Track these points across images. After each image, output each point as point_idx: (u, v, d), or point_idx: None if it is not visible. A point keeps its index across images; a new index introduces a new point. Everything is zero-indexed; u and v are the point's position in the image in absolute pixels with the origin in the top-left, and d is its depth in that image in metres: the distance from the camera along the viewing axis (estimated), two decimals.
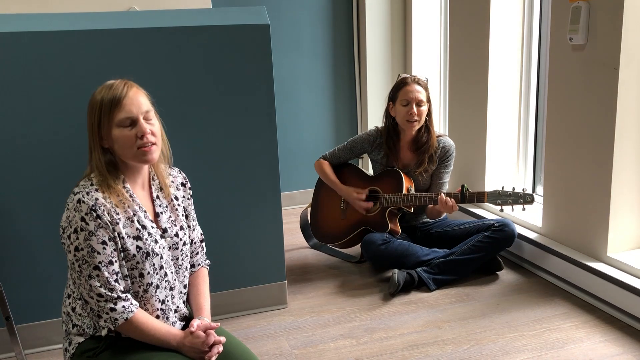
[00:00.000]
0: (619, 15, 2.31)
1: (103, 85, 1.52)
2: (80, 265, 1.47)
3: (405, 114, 2.85)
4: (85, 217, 1.45)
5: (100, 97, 1.49)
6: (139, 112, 1.50)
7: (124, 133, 1.49)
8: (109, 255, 1.47)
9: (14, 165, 2.16)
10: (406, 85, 2.87)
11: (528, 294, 2.69)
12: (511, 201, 2.64)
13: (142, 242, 1.53)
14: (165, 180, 1.66)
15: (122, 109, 1.48)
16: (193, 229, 1.76)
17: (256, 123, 2.41)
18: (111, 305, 1.48)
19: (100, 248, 1.46)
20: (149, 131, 1.51)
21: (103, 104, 1.48)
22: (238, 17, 2.34)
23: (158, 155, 1.56)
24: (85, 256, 1.46)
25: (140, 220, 1.54)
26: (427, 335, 2.36)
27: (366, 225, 2.95)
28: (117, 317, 1.48)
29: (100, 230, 1.46)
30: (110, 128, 1.49)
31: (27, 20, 2.14)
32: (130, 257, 1.51)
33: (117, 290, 1.48)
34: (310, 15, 4.02)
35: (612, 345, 2.24)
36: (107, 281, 1.47)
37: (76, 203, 1.46)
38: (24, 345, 2.26)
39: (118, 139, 1.49)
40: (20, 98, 2.12)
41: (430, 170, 2.96)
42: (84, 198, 1.46)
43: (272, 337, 2.39)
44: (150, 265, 1.54)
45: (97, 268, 1.46)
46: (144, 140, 1.50)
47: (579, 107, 2.58)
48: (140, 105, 1.51)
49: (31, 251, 2.24)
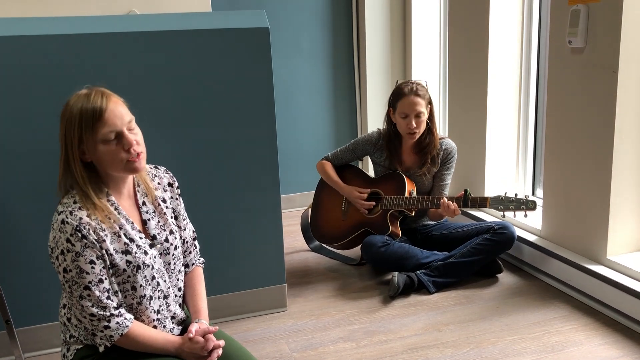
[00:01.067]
0: (617, 18, 2.32)
1: (77, 96, 1.45)
2: (70, 287, 1.45)
3: (405, 127, 2.84)
4: (71, 238, 1.42)
5: (78, 109, 1.41)
6: (122, 124, 1.44)
7: (110, 148, 1.44)
8: (98, 274, 1.45)
9: (14, 168, 2.16)
10: (404, 97, 2.82)
11: (528, 296, 2.69)
12: (513, 207, 2.64)
13: (132, 255, 1.50)
14: (149, 185, 1.62)
15: (106, 123, 1.42)
16: (184, 229, 1.72)
17: (256, 126, 2.41)
18: (105, 323, 1.46)
19: (88, 268, 1.43)
20: (134, 142, 1.46)
21: (83, 118, 1.41)
22: (238, 21, 2.34)
23: (144, 163, 1.52)
24: (75, 277, 1.44)
25: (127, 234, 1.51)
26: (427, 338, 2.36)
27: (367, 227, 2.95)
28: (112, 334, 1.48)
29: (87, 250, 1.43)
30: (95, 144, 1.43)
31: (27, 24, 2.14)
32: (120, 272, 1.49)
33: (110, 308, 1.47)
34: (309, 18, 4.03)
35: (612, 348, 2.24)
36: (99, 300, 1.45)
37: (60, 224, 1.43)
38: (24, 349, 2.26)
39: (104, 154, 1.44)
40: (21, 102, 2.12)
41: (432, 172, 2.96)
42: (67, 219, 1.43)
43: (272, 340, 2.39)
44: (142, 277, 1.52)
45: (87, 288, 1.44)
46: (131, 153, 1.45)
47: (578, 110, 2.58)
48: (123, 116, 1.45)
49: (31, 255, 2.24)
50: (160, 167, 1.71)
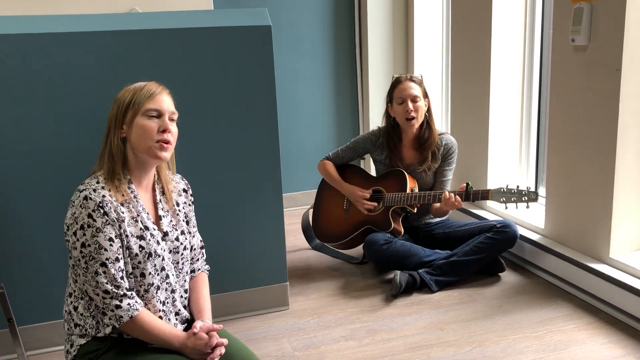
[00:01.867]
0: (621, 16, 2.31)
1: (136, 84, 1.59)
2: (87, 262, 1.47)
3: (402, 112, 2.86)
4: (93, 213, 1.46)
5: (132, 91, 1.56)
6: (167, 109, 1.56)
7: (148, 122, 1.53)
8: (115, 252, 1.48)
9: (16, 167, 2.16)
10: (399, 83, 2.90)
11: (530, 295, 2.68)
12: (515, 199, 2.64)
13: (145, 242, 1.54)
14: (168, 185, 1.68)
15: (154, 101, 1.54)
16: (193, 236, 1.77)
17: (258, 124, 2.41)
18: (117, 302, 1.48)
19: (107, 245, 1.47)
20: (170, 130, 1.56)
21: (136, 95, 1.54)
22: (240, 19, 2.34)
23: (170, 156, 1.59)
24: (92, 252, 1.46)
25: (143, 221, 1.56)
26: (429, 337, 2.35)
27: (369, 225, 2.95)
28: (122, 314, 1.49)
29: (108, 227, 1.47)
30: (135, 115, 1.53)
31: (29, 22, 2.14)
32: (133, 256, 1.53)
33: (123, 288, 1.49)
34: (311, 16, 4.02)
35: (615, 347, 2.23)
36: (114, 278, 1.48)
37: (82, 200, 1.47)
38: (26, 347, 2.26)
39: (140, 126, 1.53)
40: (23, 100, 2.12)
41: (433, 168, 2.96)
42: (91, 195, 1.47)
43: (274, 339, 2.39)
44: (151, 265, 1.55)
45: (104, 265, 1.47)
46: (164, 136, 1.54)
47: (581, 108, 2.58)
48: (171, 105, 1.58)
49: (34, 253, 2.24)
50: (177, 174, 1.77)
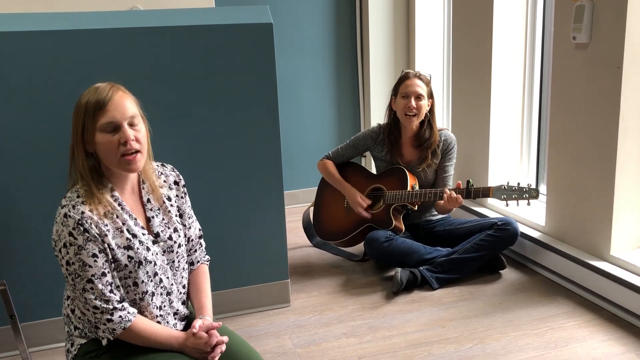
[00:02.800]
0: (622, 13, 2.31)
1: (90, 88, 1.49)
2: (73, 279, 1.46)
3: (403, 106, 2.87)
4: (73, 231, 1.43)
5: (85, 100, 1.45)
6: (122, 117, 1.45)
7: (107, 138, 1.45)
8: (101, 267, 1.46)
9: (17, 164, 2.17)
10: (407, 79, 2.90)
11: (531, 292, 2.69)
12: (516, 196, 2.65)
13: (134, 251, 1.51)
14: (154, 183, 1.61)
15: (106, 113, 1.44)
16: (189, 227, 1.72)
17: (259, 122, 2.41)
18: (107, 316, 1.47)
19: (91, 261, 1.44)
20: (132, 138, 1.45)
21: (87, 107, 1.44)
22: (241, 16, 2.34)
23: (143, 164, 1.52)
24: (78, 270, 1.44)
25: (130, 229, 1.52)
26: (430, 334, 2.36)
27: (370, 223, 2.95)
28: (114, 327, 1.48)
29: (89, 244, 1.44)
30: (94, 132, 1.45)
31: (30, 19, 2.14)
32: (122, 267, 1.50)
33: (113, 301, 1.47)
34: (313, 14, 4.02)
35: (616, 344, 2.24)
36: (102, 293, 1.46)
37: (63, 217, 1.45)
38: (28, 344, 2.27)
39: (101, 144, 1.45)
40: (23, 97, 2.12)
41: (434, 165, 2.96)
42: (70, 212, 1.44)
43: (275, 336, 2.39)
44: (144, 273, 1.53)
45: (90, 281, 1.45)
46: (126, 147, 1.45)
47: (582, 105, 2.58)
48: (125, 110, 1.46)
49: (36, 249, 2.25)
50: (167, 165, 1.71)
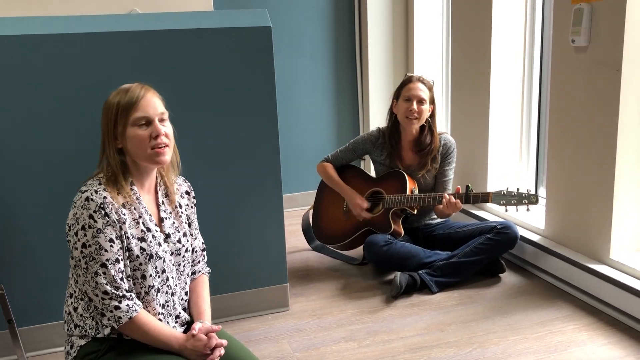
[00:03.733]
0: (621, 17, 2.31)
1: (120, 89, 1.56)
2: (87, 262, 1.48)
3: (405, 110, 2.86)
4: (94, 214, 1.47)
5: (117, 99, 1.53)
6: (154, 113, 1.54)
7: (139, 132, 1.52)
8: (115, 253, 1.49)
9: (16, 168, 2.16)
10: (410, 82, 2.91)
11: (530, 296, 2.68)
12: (515, 202, 2.64)
13: (146, 244, 1.55)
14: (171, 187, 1.68)
15: (139, 109, 1.52)
16: (195, 238, 1.77)
17: (258, 125, 2.41)
18: (115, 303, 1.49)
19: (107, 245, 1.48)
20: (163, 132, 1.54)
21: (120, 105, 1.52)
22: (240, 20, 2.34)
23: (170, 158, 1.58)
24: (93, 253, 1.47)
25: (145, 223, 1.56)
26: (430, 338, 2.35)
27: (369, 226, 2.95)
28: (121, 315, 1.49)
29: (108, 228, 1.48)
30: (126, 127, 1.52)
31: (28, 23, 2.14)
32: (133, 257, 1.53)
33: (123, 289, 1.50)
34: (311, 17, 4.02)
35: (615, 347, 2.23)
36: (114, 279, 1.48)
37: (84, 201, 1.48)
38: (26, 348, 2.26)
39: (133, 138, 1.52)
40: (23, 101, 2.12)
41: (433, 171, 2.96)
42: (92, 196, 1.48)
43: (274, 340, 2.39)
44: (152, 267, 1.56)
45: (104, 265, 1.48)
46: (157, 141, 1.52)
47: (581, 109, 2.58)
48: (156, 107, 1.55)
49: (34, 254, 2.24)
50: (180, 176, 1.77)
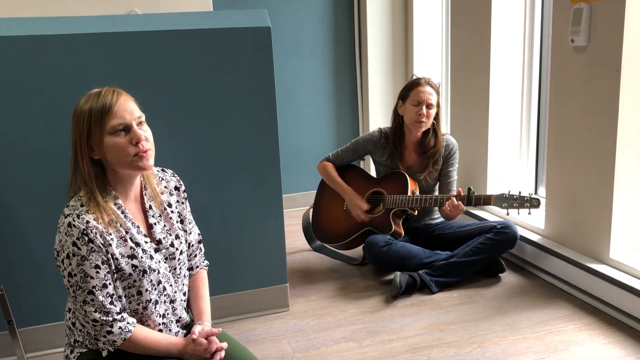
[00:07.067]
0: (620, 16, 2.31)
1: (88, 94, 1.46)
2: (74, 291, 1.44)
3: (414, 114, 2.86)
4: (77, 241, 1.41)
5: (88, 106, 1.43)
6: (132, 118, 1.44)
7: (118, 140, 1.43)
8: (102, 278, 1.44)
9: (16, 169, 2.16)
10: (419, 85, 2.89)
11: (530, 296, 2.68)
12: (517, 205, 2.64)
13: (138, 260, 1.50)
14: (155, 189, 1.61)
15: (114, 115, 1.42)
16: (190, 232, 1.71)
17: (258, 125, 2.41)
18: (107, 328, 1.46)
19: (93, 272, 1.43)
20: (143, 137, 1.46)
21: (93, 113, 1.42)
22: (239, 20, 2.34)
23: (153, 162, 1.51)
24: (79, 282, 1.43)
25: (133, 238, 1.50)
26: (430, 338, 2.35)
27: (369, 227, 2.95)
28: (114, 339, 1.47)
29: (93, 254, 1.42)
30: (102, 136, 1.43)
31: (28, 24, 2.14)
32: (126, 276, 1.49)
33: (113, 313, 1.46)
34: (311, 17, 4.02)
35: (615, 347, 2.23)
36: (102, 305, 1.44)
37: (67, 227, 1.42)
38: (26, 349, 2.26)
39: (111, 147, 1.43)
40: (23, 102, 2.12)
41: (435, 172, 2.96)
42: (74, 222, 1.42)
43: (274, 341, 2.39)
44: (147, 282, 1.52)
45: (91, 292, 1.43)
46: (139, 147, 1.44)
47: (580, 108, 2.58)
48: (132, 111, 1.45)
49: (33, 255, 2.24)
50: (168, 170, 1.70)
